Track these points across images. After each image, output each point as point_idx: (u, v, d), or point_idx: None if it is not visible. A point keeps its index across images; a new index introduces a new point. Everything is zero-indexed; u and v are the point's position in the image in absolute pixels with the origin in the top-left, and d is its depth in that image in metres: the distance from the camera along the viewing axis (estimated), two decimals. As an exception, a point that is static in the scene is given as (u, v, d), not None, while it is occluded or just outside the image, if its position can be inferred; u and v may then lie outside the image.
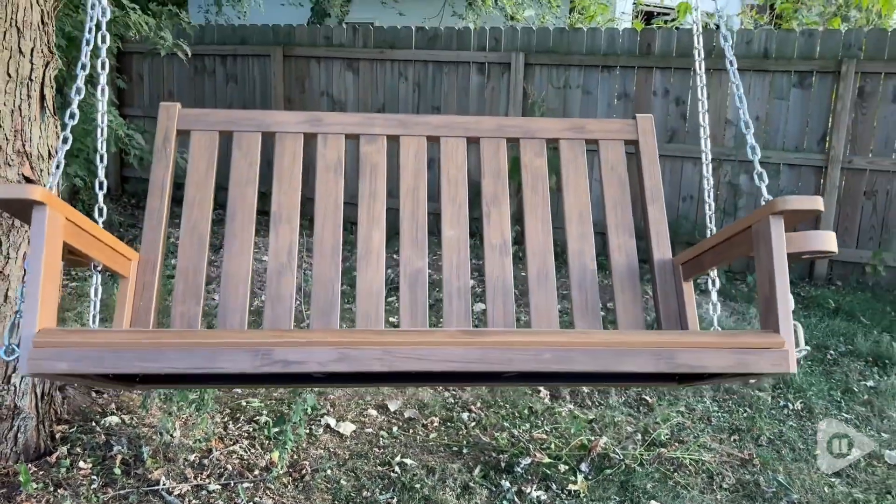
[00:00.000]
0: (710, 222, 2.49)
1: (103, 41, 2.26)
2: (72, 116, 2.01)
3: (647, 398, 3.83)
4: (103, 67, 2.38)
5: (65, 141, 1.98)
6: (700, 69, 2.53)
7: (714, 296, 2.28)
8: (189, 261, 2.22)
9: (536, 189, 2.42)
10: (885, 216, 5.74)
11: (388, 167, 2.42)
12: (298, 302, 4.66)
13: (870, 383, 4.12)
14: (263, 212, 2.33)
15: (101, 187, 2.24)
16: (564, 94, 6.55)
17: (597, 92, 6.46)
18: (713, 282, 2.28)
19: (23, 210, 1.66)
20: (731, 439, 3.45)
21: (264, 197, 2.33)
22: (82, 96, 2.00)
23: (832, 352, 4.56)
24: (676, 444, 3.36)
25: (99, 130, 2.26)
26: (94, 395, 3.33)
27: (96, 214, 2.25)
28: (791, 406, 3.81)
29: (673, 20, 7.58)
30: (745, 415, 3.69)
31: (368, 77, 7.29)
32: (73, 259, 1.94)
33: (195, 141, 2.34)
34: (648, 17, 9.42)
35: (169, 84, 8.31)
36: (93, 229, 1.89)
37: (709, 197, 2.50)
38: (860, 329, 4.88)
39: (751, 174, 6.06)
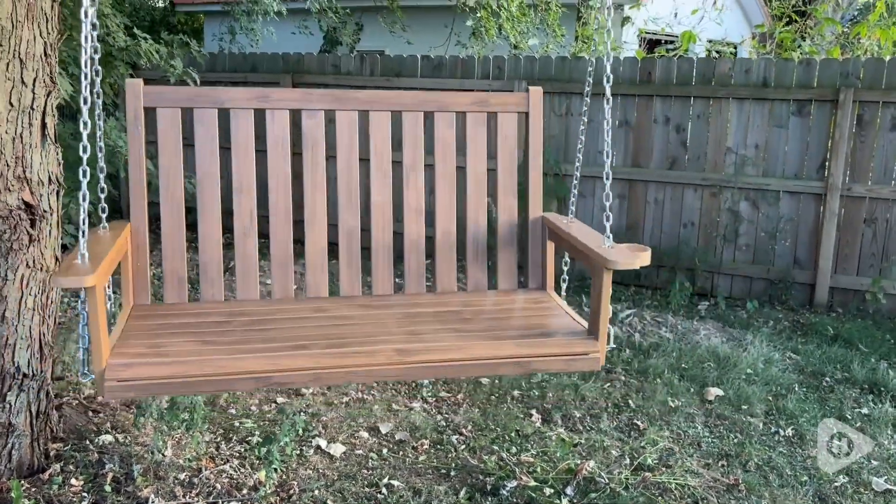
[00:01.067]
0: (572, 206, 2.94)
1: (97, 75, 2.38)
2: (89, 165, 2.15)
3: (639, 423, 3.85)
4: (98, 97, 2.50)
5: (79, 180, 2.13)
6: (586, 96, 2.87)
7: (563, 288, 2.95)
8: (171, 225, 2.56)
9: (446, 159, 2.79)
10: (885, 244, 5.75)
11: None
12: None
13: (864, 410, 4.12)
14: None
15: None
16: (567, 122, 6.64)
17: (598, 119, 6.53)
18: (564, 279, 2.92)
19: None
20: (719, 464, 3.46)
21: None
22: (89, 154, 2.15)
23: (828, 379, 4.57)
24: (664, 468, 3.38)
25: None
26: (90, 414, 3.41)
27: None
28: (782, 432, 3.82)
29: (676, 49, 7.67)
30: (735, 440, 3.71)
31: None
32: None
33: (161, 117, 2.58)
34: (652, 45, 9.52)
35: (183, 111, 8.47)
36: (113, 260, 2.19)
37: (574, 188, 2.99)
38: (857, 356, 4.88)
39: (751, 201, 6.11)
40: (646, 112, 6.39)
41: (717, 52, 7.35)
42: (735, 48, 11.02)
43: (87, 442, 3.15)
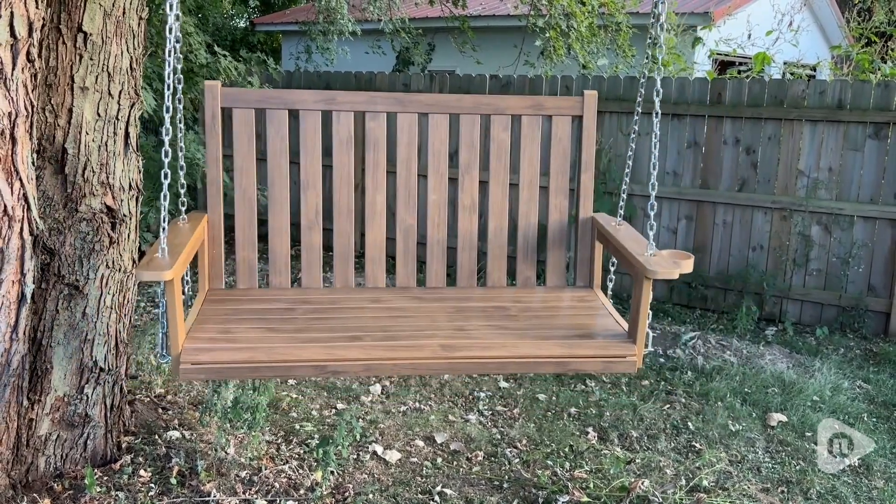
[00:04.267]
0: (621, 209, 2.99)
1: (175, 94, 2.52)
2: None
3: (697, 445, 3.80)
4: (180, 104, 2.65)
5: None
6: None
7: (609, 287, 2.94)
8: (243, 218, 2.74)
9: (500, 158, 2.89)
10: (966, 272, 5.53)
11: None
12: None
13: (937, 443, 3.97)
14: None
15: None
16: (635, 141, 6.60)
17: (667, 139, 6.50)
18: (611, 279, 2.94)
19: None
20: (779, 490, 3.39)
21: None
22: (169, 158, 2.30)
23: (900, 409, 4.42)
24: (719, 490, 3.34)
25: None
26: (159, 411, 3.57)
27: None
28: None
29: (749, 70, 7.56)
30: (797, 467, 3.63)
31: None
32: None
33: (237, 117, 2.73)
34: (724, 66, 9.40)
35: (258, 126, 8.76)
36: (190, 253, 2.34)
37: (627, 177, 2.96)
38: (933, 388, 4.70)
39: (823, 225, 5.96)
40: (715, 133, 6.32)
41: (792, 73, 7.21)
42: (814, 69, 10.77)
43: (156, 437, 3.30)
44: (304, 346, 2.27)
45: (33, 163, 2.63)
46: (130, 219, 3.04)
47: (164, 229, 2.24)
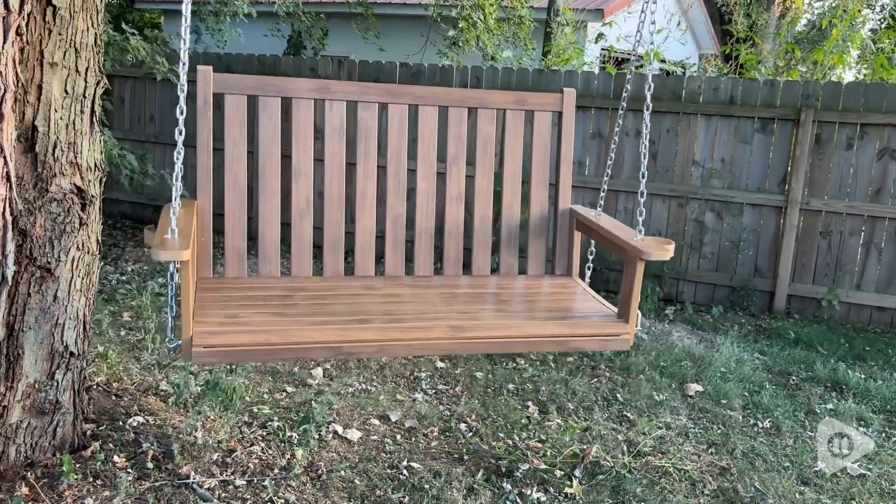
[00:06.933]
0: (601, 201, 3.36)
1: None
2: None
3: (629, 415, 4.10)
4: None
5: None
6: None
7: (587, 275, 3.27)
8: (234, 206, 2.73)
9: (486, 151, 3.04)
10: (839, 255, 6.18)
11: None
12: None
13: (829, 406, 4.46)
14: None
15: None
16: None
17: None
18: (589, 267, 3.29)
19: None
20: (709, 452, 3.73)
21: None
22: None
23: (794, 378, 4.91)
24: (660, 454, 3.63)
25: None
26: (113, 397, 3.47)
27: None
28: (760, 424, 4.12)
29: (640, 66, 8.04)
30: (719, 431, 3.99)
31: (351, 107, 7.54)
32: None
33: (229, 103, 2.73)
34: (619, 62, 9.93)
35: (150, 107, 8.42)
36: (195, 237, 2.37)
37: (608, 168, 3.27)
38: (818, 358, 5.24)
39: (716, 212, 6.47)
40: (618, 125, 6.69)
41: (665, 71, 7.74)
42: (684, 68, 11.51)
43: (120, 423, 3.22)
44: (317, 329, 2.35)
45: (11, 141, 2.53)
46: (96, 200, 2.95)
47: (174, 210, 2.23)
